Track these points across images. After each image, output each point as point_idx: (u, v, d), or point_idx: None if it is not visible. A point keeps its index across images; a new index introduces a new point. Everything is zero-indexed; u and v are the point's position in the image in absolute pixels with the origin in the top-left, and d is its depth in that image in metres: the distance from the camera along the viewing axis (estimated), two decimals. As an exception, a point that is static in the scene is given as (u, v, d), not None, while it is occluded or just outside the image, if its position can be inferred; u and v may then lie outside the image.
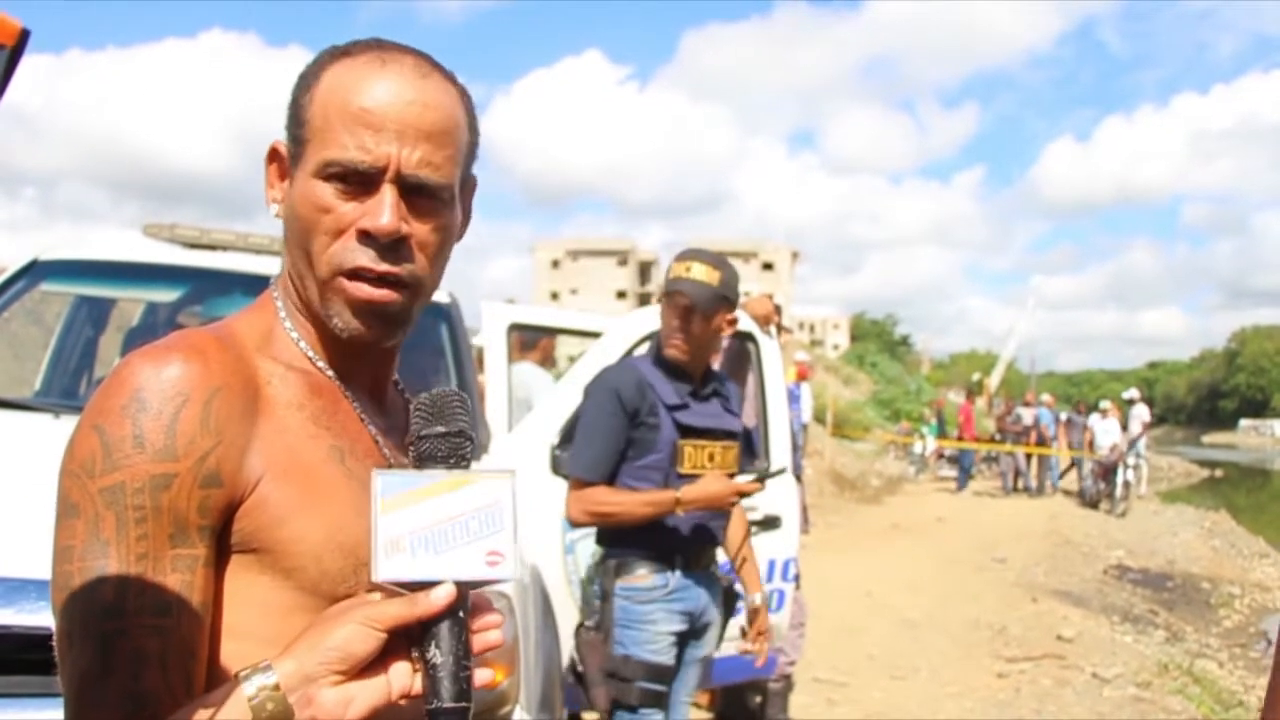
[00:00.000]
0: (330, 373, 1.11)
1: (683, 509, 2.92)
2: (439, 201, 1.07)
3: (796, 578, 4.53)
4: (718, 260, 3.06)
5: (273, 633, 0.98)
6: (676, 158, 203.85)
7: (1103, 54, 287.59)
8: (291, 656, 0.89)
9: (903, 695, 6.45)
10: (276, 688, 0.87)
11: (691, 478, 3.00)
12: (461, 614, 0.91)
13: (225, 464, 0.98)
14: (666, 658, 2.99)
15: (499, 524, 0.92)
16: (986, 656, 7.54)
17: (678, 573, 3.00)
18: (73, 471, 0.96)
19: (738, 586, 3.23)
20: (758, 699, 5.15)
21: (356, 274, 1.05)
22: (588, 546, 3.20)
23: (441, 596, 0.89)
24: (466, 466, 0.96)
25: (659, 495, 2.93)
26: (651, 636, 2.97)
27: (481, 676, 0.92)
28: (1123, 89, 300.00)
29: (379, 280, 1.05)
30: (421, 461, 0.95)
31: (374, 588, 0.94)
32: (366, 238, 1.04)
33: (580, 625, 3.10)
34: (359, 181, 1.04)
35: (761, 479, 3.12)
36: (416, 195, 1.05)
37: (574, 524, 3.11)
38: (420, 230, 1.06)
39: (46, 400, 3.72)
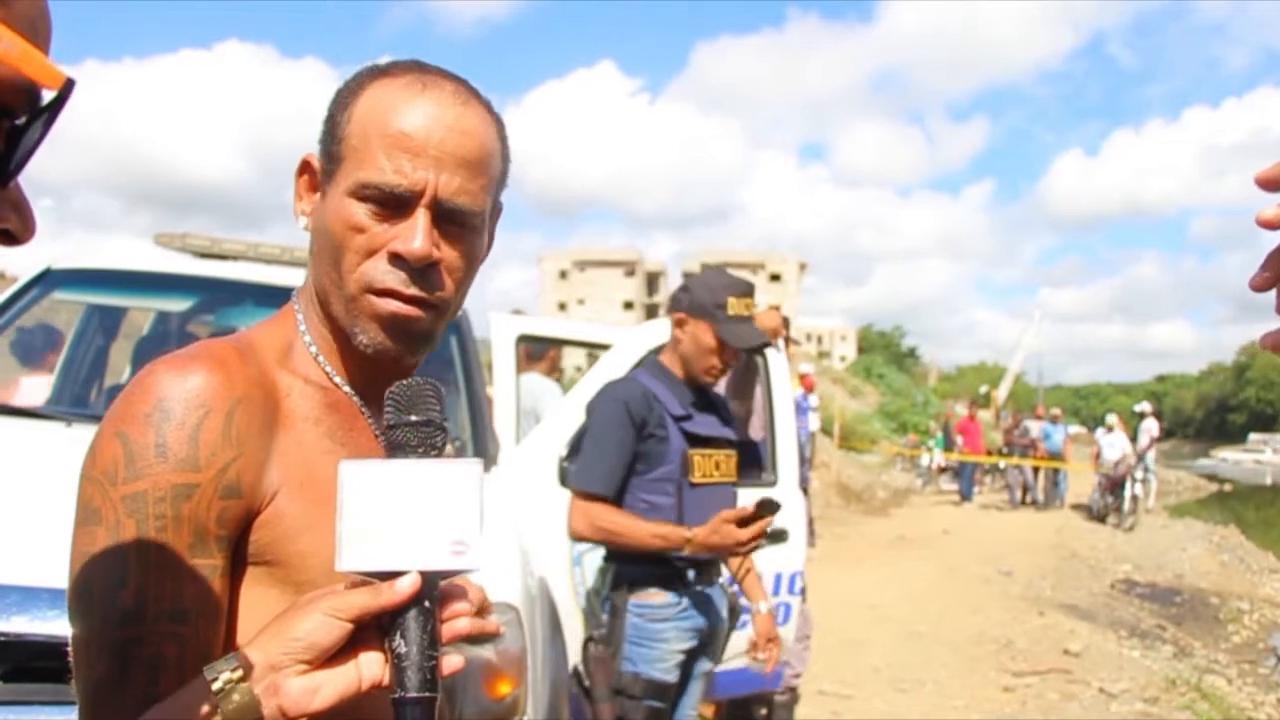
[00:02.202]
0: (348, 388, 1.12)
1: (691, 550, 2.89)
2: (469, 229, 1.08)
3: (803, 590, 4.53)
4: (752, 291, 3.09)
5: None
6: (686, 169, 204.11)
7: (1113, 68, 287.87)
8: (257, 646, 0.89)
9: (908, 708, 6.43)
10: (243, 678, 0.87)
11: (703, 486, 3.01)
12: (428, 604, 0.90)
13: (245, 476, 0.99)
14: (672, 676, 2.98)
15: (465, 513, 0.90)
16: (992, 670, 7.52)
17: (690, 590, 2.99)
18: (94, 478, 0.96)
19: (742, 600, 3.23)
20: (763, 711, 5.15)
21: (385, 293, 1.06)
22: (595, 559, 3.20)
23: (405, 586, 0.88)
24: (438, 456, 0.95)
25: (671, 531, 2.90)
26: (663, 654, 2.96)
27: (450, 663, 0.91)
28: (1132, 103, 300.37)
29: (407, 300, 1.06)
30: (392, 451, 0.94)
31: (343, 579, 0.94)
32: (398, 260, 1.05)
33: (589, 639, 3.08)
34: (393, 204, 1.05)
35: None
36: (449, 221, 1.06)
37: (576, 538, 3.06)
38: (450, 255, 1.07)
39: (58, 409, 3.73)
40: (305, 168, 1.13)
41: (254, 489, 1.00)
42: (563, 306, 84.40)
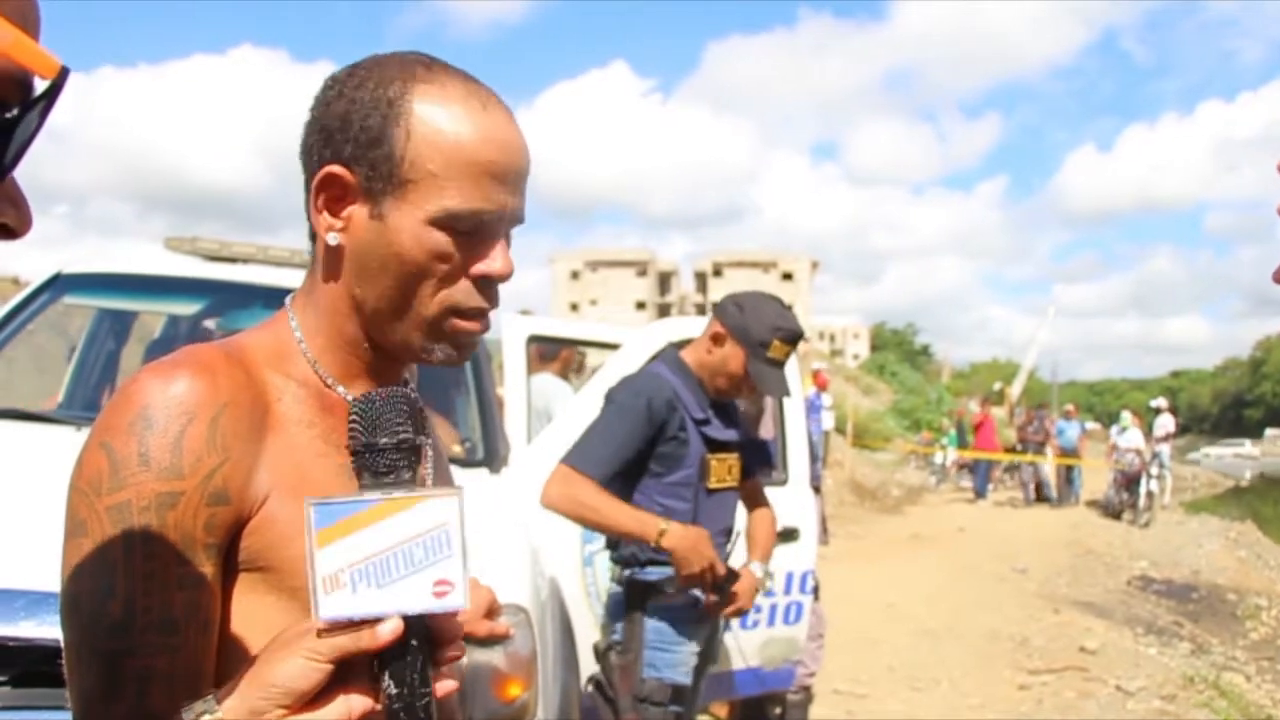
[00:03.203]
0: (341, 389, 1.10)
1: (663, 544, 2.81)
2: (510, 237, 1.11)
3: (815, 589, 4.52)
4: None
5: None
6: (698, 169, 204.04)
7: (1126, 64, 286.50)
8: (237, 693, 0.86)
9: (923, 707, 6.41)
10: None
11: (717, 492, 3.00)
12: (416, 643, 0.85)
13: (232, 481, 0.97)
14: (689, 679, 2.97)
15: (446, 550, 0.84)
16: (1008, 668, 7.49)
17: (703, 590, 2.97)
18: (80, 489, 0.95)
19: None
20: (777, 710, 5.13)
21: (473, 314, 1.07)
22: (606, 559, 3.18)
23: (385, 633, 0.84)
24: (412, 480, 0.88)
25: (646, 519, 2.83)
26: (685, 658, 2.94)
27: (444, 687, 0.89)
28: (1146, 98, 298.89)
29: (483, 317, 1.08)
30: (362, 479, 0.88)
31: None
32: (486, 281, 1.07)
33: (608, 648, 3.02)
34: (479, 230, 1.05)
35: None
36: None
37: (547, 505, 2.92)
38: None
39: (69, 413, 3.75)
40: (331, 182, 1.05)
41: (242, 495, 0.98)
42: (574, 307, 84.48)
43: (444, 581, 0.84)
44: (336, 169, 1.05)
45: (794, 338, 2.98)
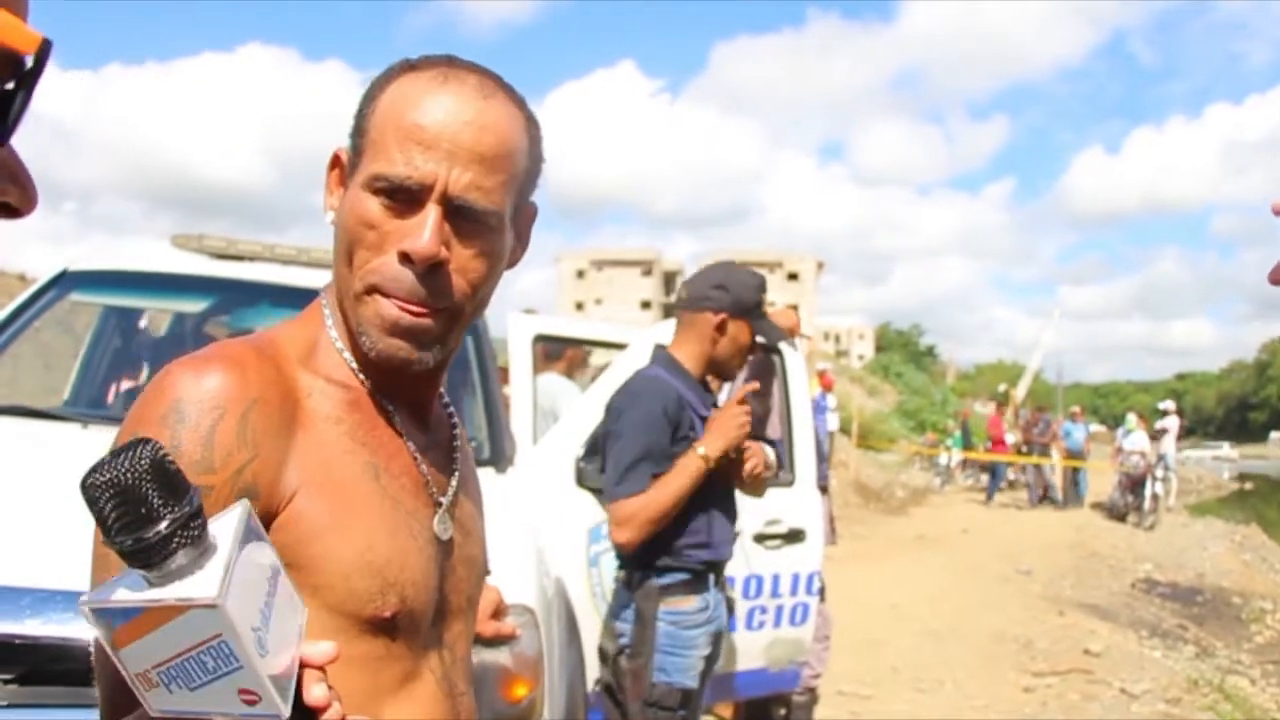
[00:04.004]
0: (370, 386, 1.09)
1: (712, 462, 2.83)
2: (485, 227, 1.05)
3: (821, 590, 4.51)
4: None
5: None
6: (705, 169, 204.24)
7: (1133, 66, 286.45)
8: None
9: (927, 708, 6.40)
10: None
11: (727, 492, 2.99)
12: None
13: (261, 477, 0.97)
14: (696, 683, 2.95)
15: (234, 661, 0.74)
16: (1012, 670, 7.48)
17: (711, 593, 2.97)
18: None
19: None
20: (782, 712, 5.12)
21: (391, 295, 1.03)
22: (612, 560, 3.17)
23: None
24: (179, 575, 0.73)
25: (684, 468, 2.83)
26: (695, 661, 2.92)
27: None
28: (1153, 100, 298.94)
29: (411, 303, 1.03)
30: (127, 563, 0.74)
31: None
32: (406, 259, 1.02)
33: (619, 651, 2.98)
34: (405, 199, 1.02)
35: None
36: (462, 218, 1.04)
37: (629, 546, 2.87)
38: (462, 255, 1.05)
39: (75, 410, 3.74)
40: (335, 162, 1.12)
41: (271, 490, 0.98)
42: (580, 306, 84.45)
43: (248, 691, 0.75)
44: (339, 150, 1.12)
45: (765, 284, 3.09)
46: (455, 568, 1.15)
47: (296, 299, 3.18)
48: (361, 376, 1.09)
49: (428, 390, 1.15)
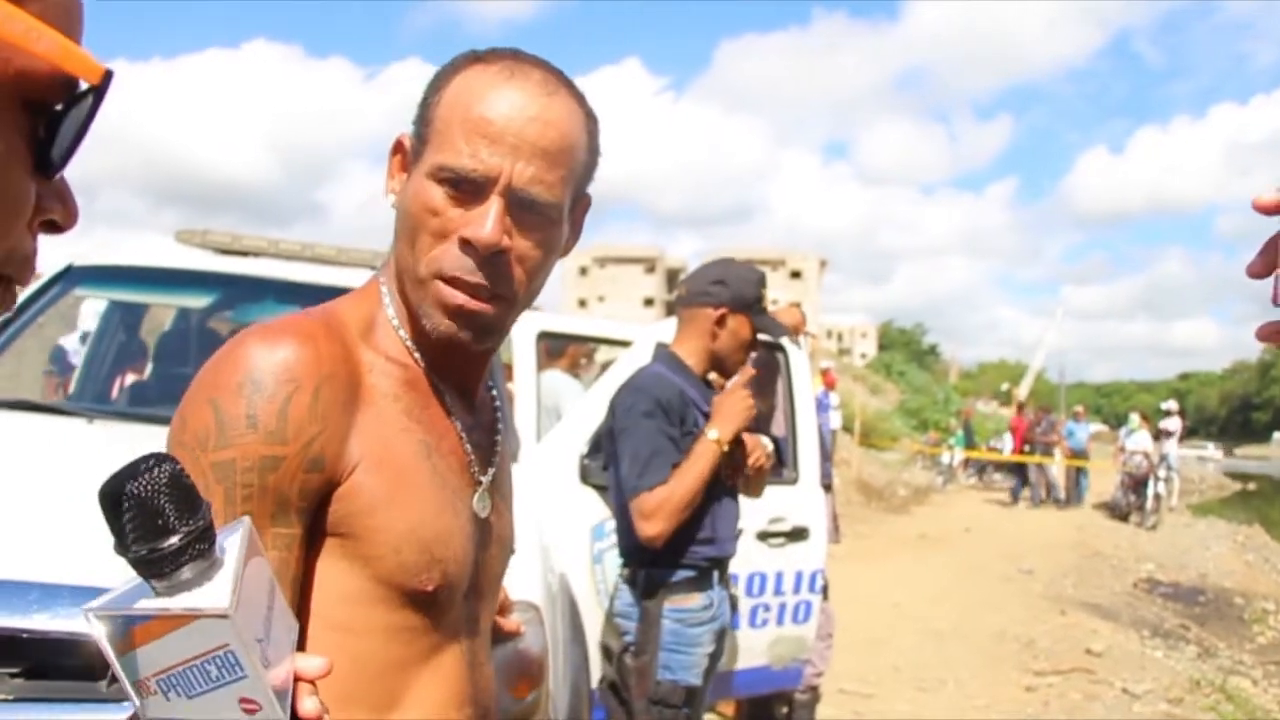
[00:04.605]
0: (424, 365, 1.13)
1: (724, 445, 2.84)
2: (545, 219, 1.09)
3: (824, 588, 4.51)
4: None
5: (341, 618, 1.02)
6: (709, 167, 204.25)
7: (1138, 66, 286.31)
8: None
9: (929, 707, 6.40)
10: None
11: (730, 488, 2.99)
12: None
13: (328, 450, 1.01)
14: (700, 680, 2.95)
15: (238, 671, 0.75)
16: (1014, 669, 7.47)
17: (715, 590, 2.96)
18: (185, 443, 0.99)
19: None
20: (784, 710, 5.12)
21: (454, 280, 1.06)
22: (615, 557, 3.17)
23: None
24: (187, 586, 0.75)
25: (699, 454, 2.82)
26: (700, 659, 2.92)
27: None
28: (1158, 100, 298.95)
29: (472, 289, 1.07)
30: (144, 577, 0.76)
31: None
32: (468, 246, 1.06)
33: (624, 649, 2.97)
34: (469, 189, 1.06)
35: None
36: (523, 210, 1.07)
37: (658, 539, 2.83)
38: (522, 245, 1.08)
39: (80, 405, 3.74)
40: (398, 147, 1.15)
41: (335, 463, 1.02)
42: (583, 303, 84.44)
43: (249, 701, 0.77)
44: (402, 136, 1.15)
45: (765, 279, 3.09)
46: (490, 545, 1.19)
47: (301, 294, 3.17)
48: (417, 356, 1.13)
49: (477, 372, 1.20)
